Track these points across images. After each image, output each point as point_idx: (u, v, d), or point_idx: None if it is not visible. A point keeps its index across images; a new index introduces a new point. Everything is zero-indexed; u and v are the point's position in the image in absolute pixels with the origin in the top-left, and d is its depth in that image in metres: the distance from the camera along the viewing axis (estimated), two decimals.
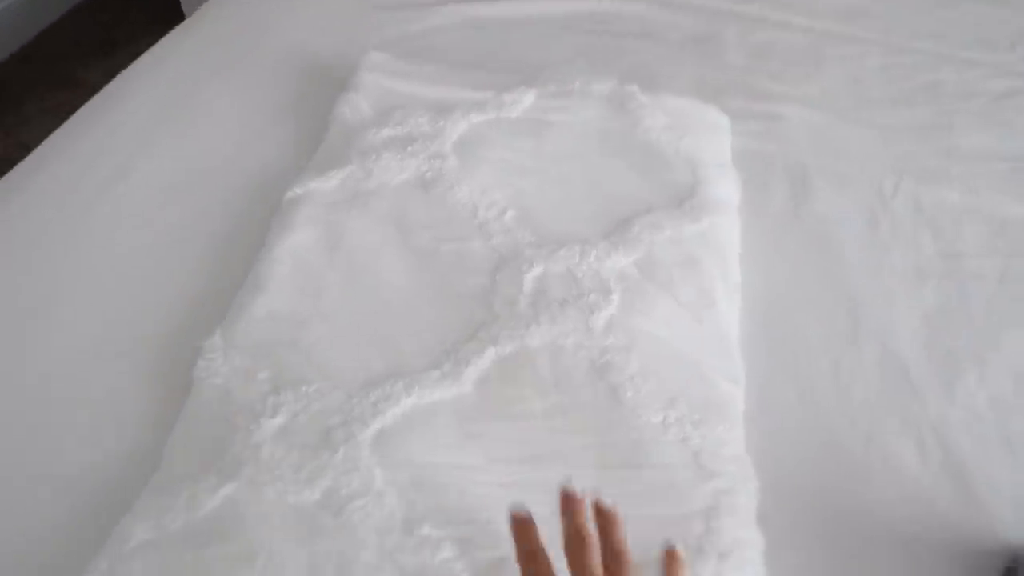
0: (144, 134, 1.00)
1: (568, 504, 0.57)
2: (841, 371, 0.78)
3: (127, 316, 0.80)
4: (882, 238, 0.90)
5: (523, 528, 0.57)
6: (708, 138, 0.92)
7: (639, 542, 0.61)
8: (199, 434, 0.69)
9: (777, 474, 0.68)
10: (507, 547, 0.61)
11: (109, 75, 1.15)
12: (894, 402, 0.76)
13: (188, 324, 0.80)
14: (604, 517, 0.56)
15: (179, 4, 1.95)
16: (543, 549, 0.55)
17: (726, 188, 0.88)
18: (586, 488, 0.57)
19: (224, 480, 0.64)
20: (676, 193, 0.86)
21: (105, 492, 0.68)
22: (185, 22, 1.25)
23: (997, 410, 0.75)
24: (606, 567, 0.54)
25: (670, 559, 0.56)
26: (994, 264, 0.87)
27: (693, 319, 0.76)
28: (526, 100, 0.94)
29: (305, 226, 0.84)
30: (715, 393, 0.71)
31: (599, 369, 0.71)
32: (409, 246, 0.82)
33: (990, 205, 0.93)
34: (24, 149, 1.04)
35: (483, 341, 0.73)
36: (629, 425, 0.67)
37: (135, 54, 1.19)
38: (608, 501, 0.57)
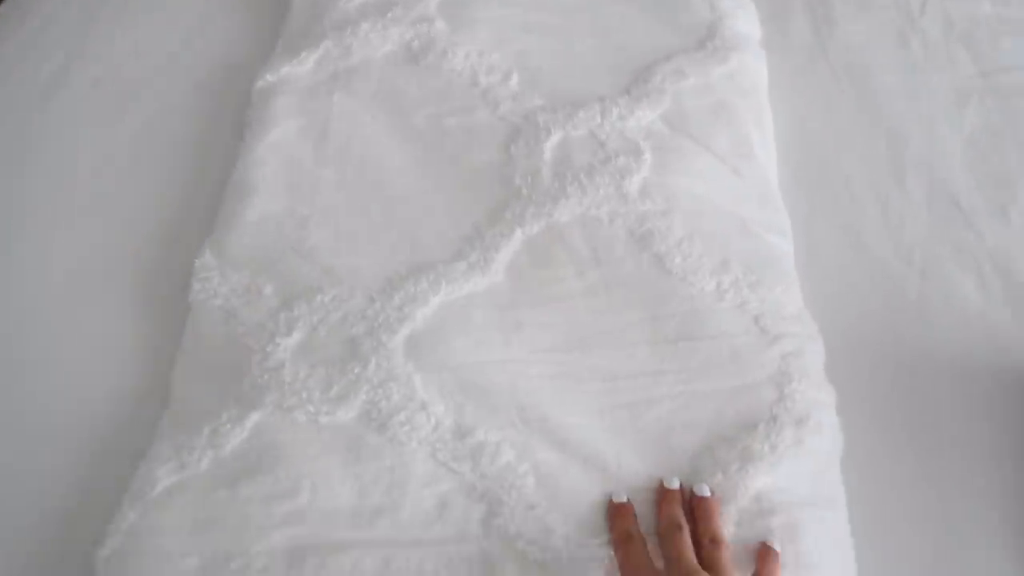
0: (75, 31, 0.88)
1: (665, 496, 0.54)
2: (889, 209, 0.73)
3: (102, 240, 0.72)
4: (915, 60, 0.82)
5: (620, 514, 0.53)
6: None
7: (708, 418, 0.57)
8: (208, 362, 0.62)
9: (835, 324, 0.64)
10: (569, 447, 0.56)
11: None
12: (948, 234, 0.71)
13: (171, 240, 0.72)
14: (702, 505, 0.53)
15: None
16: (640, 533, 0.52)
17: (747, 21, 0.79)
18: (684, 481, 0.54)
19: (247, 410, 0.58)
20: (695, 33, 0.77)
21: (109, 432, 0.62)
22: None
23: None
24: (702, 549, 0.51)
25: (765, 554, 0.52)
26: None
27: (731, 171, 0.69)
28: None
29: (285, 118, 0.74)
30: (765, 249, 0.65)
31: (640, 239, 0.64)
32: (407, 127, 0.73)
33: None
34: None
35: (509, 223, 0.66)
36: (681, 295, 0.62)
37: None
38: (706, 489, 0.53)
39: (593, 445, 0.56)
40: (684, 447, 0.56)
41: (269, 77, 0.77)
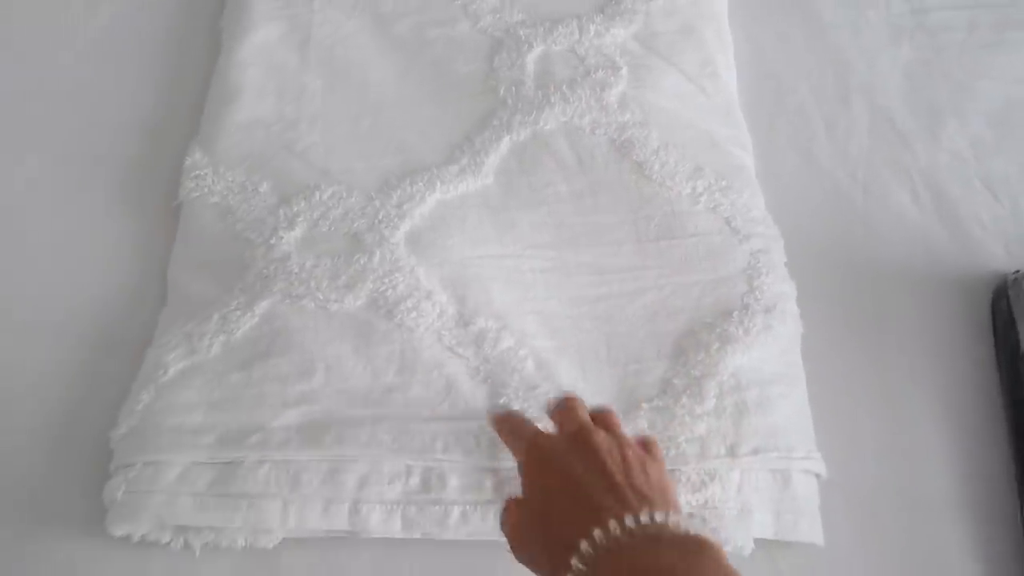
0: None
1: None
2: (836, 129, 0.79)
3: (80, 137, 0.72)
4: None
5: (504, 423, 0.52)
6: None
7: (689, 306, 0.62)
8: (207, 256, 0.64)
9: (792, 229, 0.70)
10: (561, 335, 0.61)
11: None
12: (886, 153, 0.78)
13: (153, 141, 0.72)
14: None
15: None
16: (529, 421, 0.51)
17: None
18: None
19: (255, 298, 0.60)
20: None
21: (106, 327, 0.63)
22: None
23: (977, 153, 0.78)
24: (599, 417, 0.51)
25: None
26: (961, 16, 0.88)
27: (699, 90, 0.74)
28: None
29: (265, 22, 0.75)
30: (731, 160, 0.70)
31: (620, 147, 0.69)
32: (390, 36, 0.75)
33: None
34: None
35: (496, 129, 0.69)
36: (660, 198, 0.67)
37: None
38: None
39: (585, 333, 0.61)
40: (669, 330, 0.61)
41: None
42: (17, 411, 0.59)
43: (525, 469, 0.48)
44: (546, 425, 0.52)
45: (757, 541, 0.55)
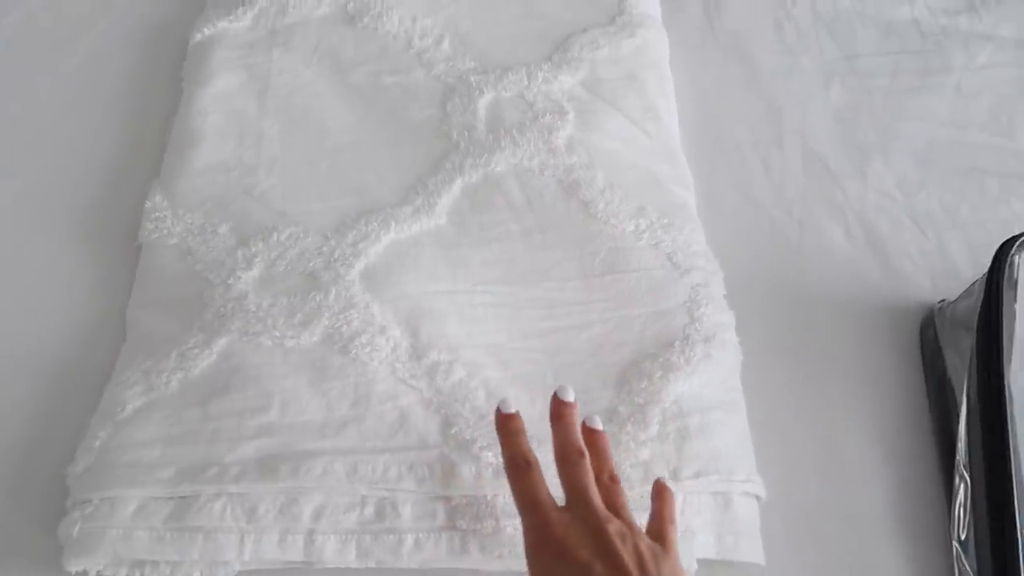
0: None
1: (560, 409, 0.53)
2: (772, 169, 0.84)
3: (40, 179, 0.74)
4: (789, 44, 0.94)
5: (511, 431, 0.52)
6: None
7: (633, 338, 0.65)
8: (166, 296, 0.65)
9: (732, 263, 0.73)
10: (511, 366, 0.63)
11: None
12: (820, 192, 0.82)
13: (114, 184, 0.74)
14: (599, 439, 0.54)
15: None
16: (535, 457, 0.51)
17: (649, 2, 0.88)
18: (577, 394, 0.54)
19: (213, 336, 0.61)
20: (606, 10, 0.86)
21: (64, 364, 0.65)
22: None
23: (904, 191, 0.83)
24: (599, 486, 0.51)
25: (660, 490, 0.54)
26: (885, 62, 0.94)
27: (642, 133, 0.78)
28: None
29: (225, 71, 0.78)
30: (673, 199, 0.74)
31: (567, 187, 0.72)
32: (347, 84, 0.78)
33: (875, 8, 1.00)
34: None
35: (449, 172, 0.72)
36: (605, 235, 0.70)
37: None
38: (599, 422, 0.55)
39: (534, 365, 0.64)
40: (614, 361, 0.64)
41: (206, 31, 0.80)
42: None
43: (534, 554, 0.48)
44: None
45: (700, 561, 0.57)
